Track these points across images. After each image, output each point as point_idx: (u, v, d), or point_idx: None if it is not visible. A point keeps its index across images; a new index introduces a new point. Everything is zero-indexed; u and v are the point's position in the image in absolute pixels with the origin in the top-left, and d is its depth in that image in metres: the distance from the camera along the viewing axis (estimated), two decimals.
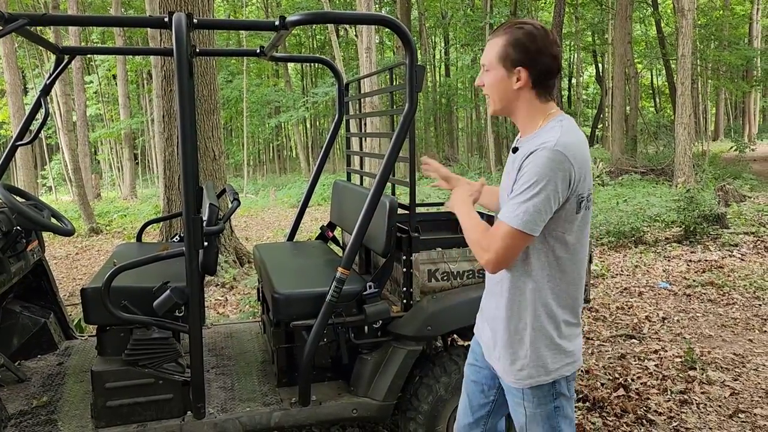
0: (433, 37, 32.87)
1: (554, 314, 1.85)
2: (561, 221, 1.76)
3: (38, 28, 3.02)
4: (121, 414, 2.63)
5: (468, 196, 1.96)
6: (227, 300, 6.31)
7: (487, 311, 2.02)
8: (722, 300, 5.91)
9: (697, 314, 5.53)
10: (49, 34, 11.73)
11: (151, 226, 4.23)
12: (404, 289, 2.84)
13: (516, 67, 1.76)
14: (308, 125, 34.81)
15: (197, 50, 3.72)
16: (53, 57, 3.58)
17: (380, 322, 2.85)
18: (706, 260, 7.40)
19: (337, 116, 4.07)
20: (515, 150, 1.87)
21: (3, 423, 2.60)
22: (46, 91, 3.52)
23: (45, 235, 3.88)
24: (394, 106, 3.33)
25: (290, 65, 30.30)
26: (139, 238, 4.10)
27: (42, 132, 3.74)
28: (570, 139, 1.72)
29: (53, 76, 3.54)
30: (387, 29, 2.68)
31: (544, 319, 1.85)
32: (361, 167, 4.13)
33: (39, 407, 2.84)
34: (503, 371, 1.94)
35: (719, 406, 3.72)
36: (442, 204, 4.06)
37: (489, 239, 1.77)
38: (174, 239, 3.95)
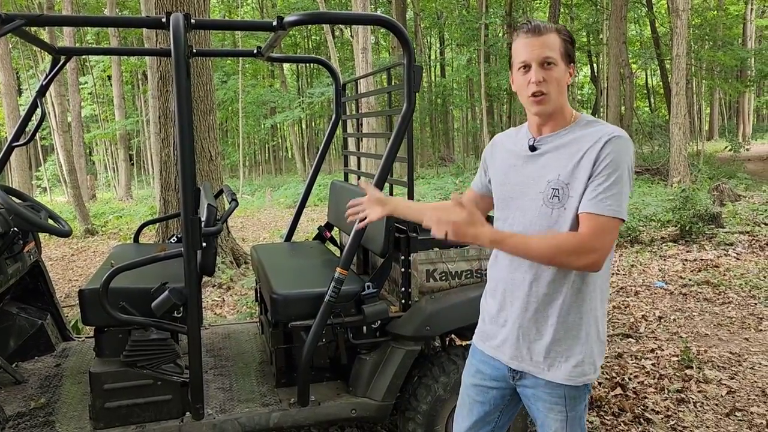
0: (428, 38, 32.92)
1: (600, 308, 1.84)
2: None
3: (34, 28, 3.02)
4: (119, 415, 2.63)
5: (471, 222, 1.72)
6: (224, 301, 6.30)
7: (515, 313, 1.88)
8: (718, 299, 5.93)
9: (694, 313, 5.55)
10: (44, 34, 11.70)
11: (147, 227, 4.22)
12: (402, 289, 2.85)
13: (571, 63, 1.81)
14: (304, 126, 34.78)
15: (194, 51, 3.72)
16: (48, 57, 3.58)
17: (379, 322, 2.85)
18: (702, 259, 7.43)
19: (334, 117, 4.07)
20: (534, 148, 1.84)
21: (1, 425, 2.59)
22: (43, 92, 3.51)
23: (41, 236, 3.87)
24: (391, 107, 3.33)
25: (286, 65, 30.29)
26: (136, 239, 4.10)
27: (37, 132, 3.73)
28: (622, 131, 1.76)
29: (49, 76, 3.53)
30: (383, 30, 2.68)
31: (599, 314, 1.84)
32: (359, 167, 4.14)
33: (37, 409, 2.83)
34: (548, 370, 1.84)
35: (716, 404, 3.74)
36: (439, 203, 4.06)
37: (585, 240, 1.68)
38: (171, 240, 3.94)
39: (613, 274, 7.05)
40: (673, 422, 3.52)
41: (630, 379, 4.11)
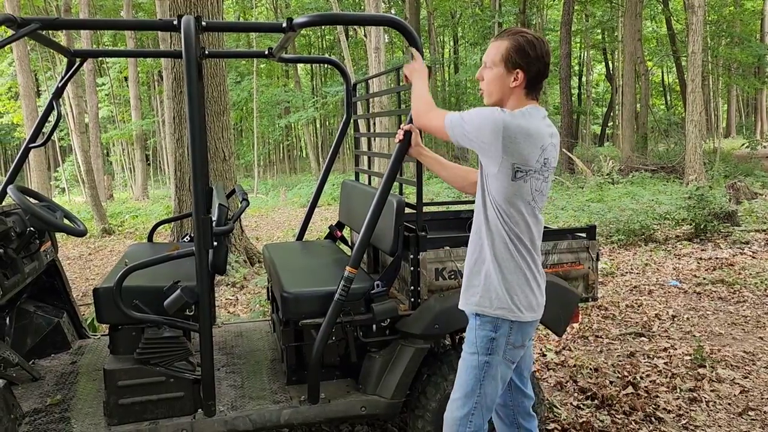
0: (442, 37, 32.86)
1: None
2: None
3: (50, 31, 3.07)
4: (133, 412, 2.67)
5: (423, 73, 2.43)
6: (237, 299, 6.36)
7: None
8: (733, 298, 5.89)
9: (707, 312, 5.51)
10: (61, 37, 11.86)
11: (162, 226, 4.28)
12: (412, 287, 2.86)
13: (516, 68, 2.07)
14: (318, 125, 34.89)
15: (206, 52, 3.76)
16: (65, 60, 3.63)
17: (388, 320, 2.87)
18: (717, 258, 7.37)
19: (345, 117, 4.09)
20: None
21: (18, 420, 2.64)
22: (59, 93, 3.57)
23: (58, 235, 3.94)
24: (402, 106, 3.35)
25: (300, 65, 30.39)
26: (150, 238, 4.15)
27: (55, 134, 3.80)
28: (522, 114, 2.07)
29: (65, 79, 3.59)
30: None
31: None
32: (370, 167, 4.16)
33: (53, 405, 2.89)
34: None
35: (729, 403, 3.72)
36: (450, 203, 4.08)
37: (431, 111, 2.29)
38: (184, 239, 3.99)
39: (626, 272, 7.02)
40: (684, 421, 3.51)
41: (642, 377, 4.09)
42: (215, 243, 2.61)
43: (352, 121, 4.11)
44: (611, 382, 4.02)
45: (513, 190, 2.07)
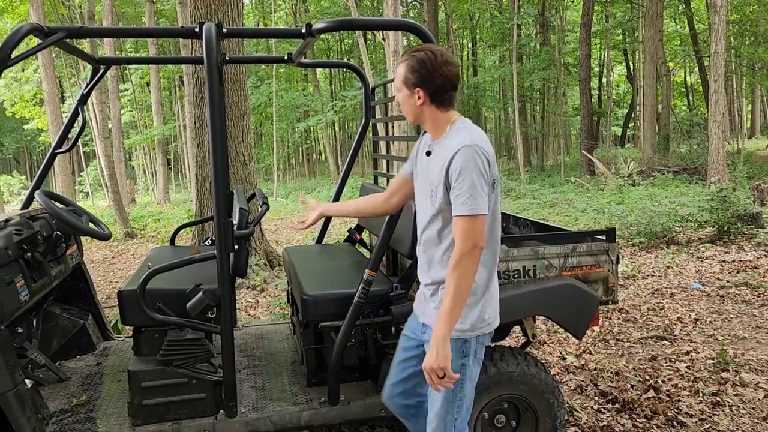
0: (460, 39, 32.82)
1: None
2: None
3: (75, 39, 3.15)
4: (156, 412, 2.72)
5: (444, 347, 2.05)
6: (258, 302, 6.41)
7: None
8: (757, 301, 5.80)
9: (731, 315, 5.44)
10: (84, 44, 12.07)
11: (183, 229, 4.34)
12: None
13: (415, 87, 2.13)
14: (337, 128, 35.02)
15: (227, 58, 3.81)
16: (89, 67, 3.70)
17: None
18: (741, 260, 7.27)
19: (363, 120, 4.12)
20: (429, 153, 2.22)
21: (45, 421, 2.70)
22: (83, 100, 3.64)
23: (82, 239, 4.01)
24: None
25: (318, 69, 30.55)
26: (172, 241, 4.21)
27: (79, 139, 3.87)
28: (477, 135, 2.09)
29: (90, 86, 3.67)
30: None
31: None
32: (388, 170, 4.18)
33: (79, 406, 2.95)
34: None
35: (753, 408, 3.67)
36: None
37: (462, 250, 2.03)
38: (206, 243, 4.04)
39: (647, 275, 6.95)
40: (707, 426, 3.47)
41: (663, 381, 4.06)
42: (236, 246, 2.64)
43: (370, 124, 4.14)
44: (632, 386, 3.99)
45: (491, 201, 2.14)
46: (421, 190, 2.26)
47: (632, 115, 32.73)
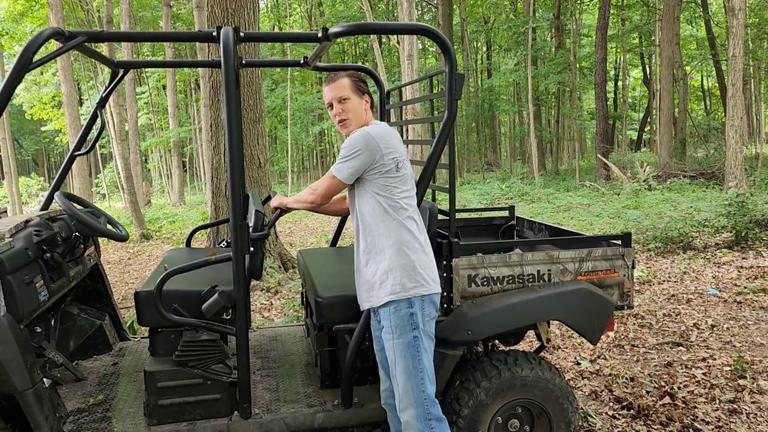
0: (475, 43, 32.77)
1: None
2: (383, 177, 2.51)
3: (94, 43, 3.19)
4: (172, 412, 2.74)
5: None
6: (272, 304, 6.44)
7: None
8: None
9: (748, 322, 5.38)
10: (103, 48, 12.22)
11: (199, 232, 4.38)
12: (444, 293, 2.88)
13: (365, 94, 2.65)
14: None
15: (243, 62, 3.84)
16: (107, 70, 3.75)
17: None
18: (759, 266, 7.18)
19: None
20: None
21: (62, 420, 2.74)
22: (102, 103, 3.69)
23: (100, 240, 4.05)
24: (435, 113, 3.37)
25: None
26: (188, 243, 4.24)
27: (98, 142, 3.92)
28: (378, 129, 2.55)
29: (109, 89, 3.71)
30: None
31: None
32: None
33: (95, 405, 2.98)
34: None
35: None
36: (483, 209, 4.08)
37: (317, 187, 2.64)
38: (221, 245, 4.07)
39: (663, 281, 6.89)
40: None
41: (679, 388, 4.02)
42: (252, 248, 2.66)
43: None
44: (648, 392, 3.96)
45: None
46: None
47: (648, 119, 32.47)
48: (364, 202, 2.56)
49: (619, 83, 32.78)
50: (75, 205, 3.29)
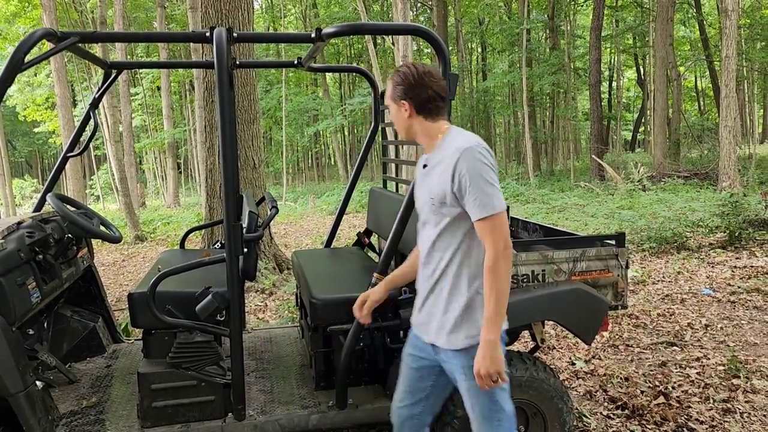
0: (470, 44, 32.82)
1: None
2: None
3: (87, 44, 3.18)
4: (166, 414, 2.73)
5: (496, 350, 2.05)
6: (267, 305, 6.43)
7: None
8: None
9: (742, 321, 5.40)
10: (96, 49, 12.17)
11: (193, 233, 4.37)
12: None
13: (402, 100, 2.17)
14: (346, 132, 35.10)
15: (237, 62, 3.83)
16: (101, 71, 3.74)
17: None
18: (752, 266, 7.21)
19: (372, 125, 4.13)
20: (425, 166, 2.22)
21: (55, 422, 2.72)
22: (95, 104, 3.68)
23: (93, 242, 4.04)
24: None
25: (328, 74, 30.62)
26: (182, 245, 4.23)
27: (90, 143, 3.91)
28: (471, 137, 2.10)
29: (102, 90, 3.70)
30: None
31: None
32: (397, 174, 4.19)
33: (88, 407, 2.97)
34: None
35: (764, 415, 3.63)
36: None
37: (495, 248, 2.02)
38: (215, 246, 4.06)
39: (658, 281, 6.91)
40: None
41: (673, 387, 4.03)
42: (245, 249, 2.66)
43: (379, 129, 4.15)
44: (642, 392, 3.97)
45: None
46: (423, 206, 2.23)
47: (642, 120, 32.60)
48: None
49: (614, 84, 32.91)
50: (68, 206, 3.28)
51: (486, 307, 2.04)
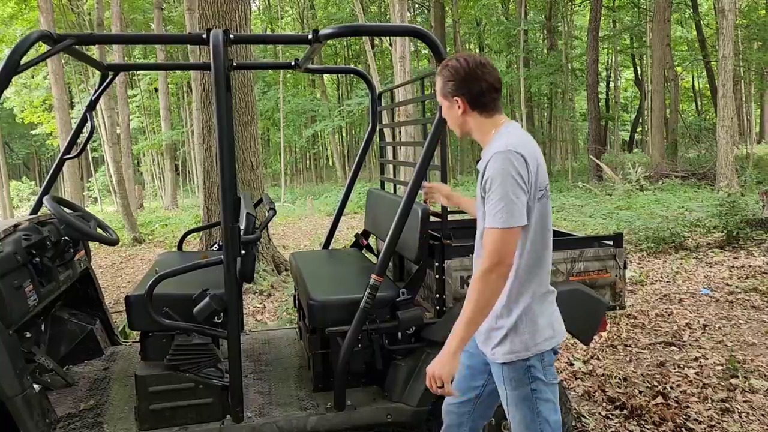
0: (467, 45, 32.83)
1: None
2: None
3: (84, 46, 3.17)
4: (163, 417, 2.73)
5: (451, 358, 1.99)
6: (265, 307, 6.42)
7: None
8: (766, 306, 5.76)
9: (740, 321, 5.40)
10: (93, 50, 12.17)
11: (191, 235, 4.36)
12: (437, 295, 2.87)
13: (454, 96, 2.07)
14: (344, 134, 35.09)
15: (234, 64, 3.83)
16: (98, 73, 3.73)
17: (413, 328, 2.88)
18: (750, 266, 7.22)
19: (370, 126, 4.13)
20: (478, 161, 2.12)
21: (52, 425, 2.71)
22: (92, 106, 3.67)
23: (91, 244, 4.03)
24: (427, 115, 3.37)
25: (326, 75, 30.62)
26: (179, 247, 4.22)
27: (88, 145, 3.90)
28: (514, 140, 1.98)
29: (98, 92, 3.69)
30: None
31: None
32: (395, 175, 4.18)
33: (86, 410, 2.96)
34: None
35: (762, 415, 3.64)
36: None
37: (491, 260, 1.93)
38: (213, 248, 4.05)
39: (656, 281, 6.92)
40: None
41: (672, 387, 4.03)
42: (243, 251, 2.65)
43: (377, 129, 4.14)
44: (640, 392, 3.97)
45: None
46: (478, 201, 2.13)
47: (640, 120, 32.64)
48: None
49: (611, 84, 32.92)
50: (65, 208, 3.27)
51: (461, 314, 1.97)
